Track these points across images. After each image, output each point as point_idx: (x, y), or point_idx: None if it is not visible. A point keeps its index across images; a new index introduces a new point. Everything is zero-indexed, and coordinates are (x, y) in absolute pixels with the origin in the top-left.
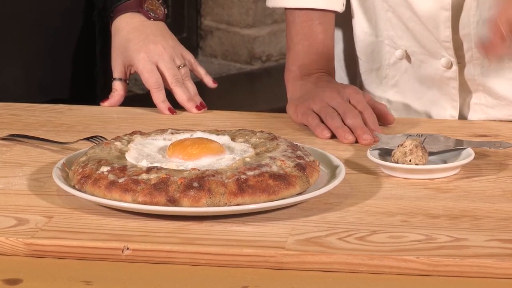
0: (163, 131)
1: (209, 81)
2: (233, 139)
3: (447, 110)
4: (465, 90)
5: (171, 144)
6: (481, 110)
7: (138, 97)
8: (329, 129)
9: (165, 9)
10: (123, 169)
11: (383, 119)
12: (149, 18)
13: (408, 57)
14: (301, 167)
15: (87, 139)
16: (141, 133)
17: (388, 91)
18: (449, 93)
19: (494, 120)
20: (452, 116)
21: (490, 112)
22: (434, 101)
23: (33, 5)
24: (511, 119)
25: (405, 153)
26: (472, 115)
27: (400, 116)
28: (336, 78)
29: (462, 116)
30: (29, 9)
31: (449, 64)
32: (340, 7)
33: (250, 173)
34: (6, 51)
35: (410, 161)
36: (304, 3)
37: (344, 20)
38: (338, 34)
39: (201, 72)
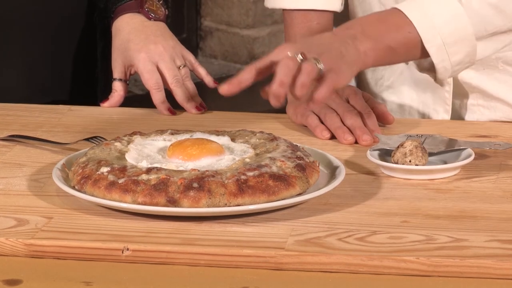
0: (162, 131)
1: (209, 81)
2: (233, 139)
3: (439, 114)
4: (461, 92)
5: (171, 145)
6: (478, 111)
7: (137, 98)
8: (329, 129)
9: (166, 10)
10: (123, 169)
11: (382, 119)
12: (149, 18)
13: None
14: (301, 168)
15: (87, 139)
16: (141, 134)
17: (383, 92)
18: (442, 96)
19: (493, 121)
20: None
21: (486, 113)
22: (427, 104)
23: (34, 6)
24: (508, 120)
25: (405, 153)
26: (469, 116)
27: (394, 116)
28: None
29: (459, 117)
30: (30, 10)
31: None
32: (338, 6)
33: (250, 173)
34: (7, 53)
35: (410, 161)
36: (302, 4)
37: (343, 20)
38: None
39: (202, 72)
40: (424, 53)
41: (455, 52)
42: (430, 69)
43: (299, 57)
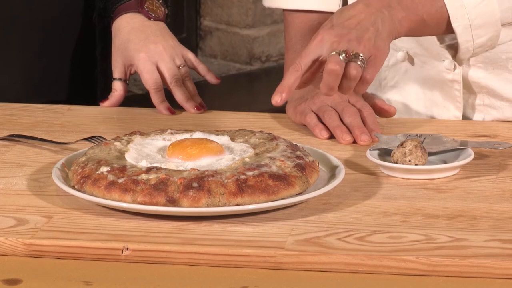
0: (162, 131)
1: (211, 78)
2: (232, 139)
3: (450, 111)
4: (468, 92)
5: (170, 144)
6: (485, 110)
7: (137, 98)
8: (328, 129)
9: (166, 9)
10: (123, 169)
11: (384, 112)
12: (149, 18)
13: (410, 59)
14: (300, 167)
15: (86, 139)
16: (141, 133)
17: (387, 92)
18: (453, 94)
19: (495, 120)
20: (456, 117)
21: (493, 113)
22: (436, 102)
23: (33, 6)
24: None
25: (405, 153)
26: (477, 116)
27: (400, 116)
28: None
29: (465, 117)
30: (29, 10)
31: (453, 66)
32: (337, 7)
33: (250, 173)
34: (5, 53)
35: (409, 161)
36: (301, 4)
37: None
38: None
39: (203, 69)
40: (450, 30)
41: (480, 35)
42: (451, 47)
43: (343, 56)
